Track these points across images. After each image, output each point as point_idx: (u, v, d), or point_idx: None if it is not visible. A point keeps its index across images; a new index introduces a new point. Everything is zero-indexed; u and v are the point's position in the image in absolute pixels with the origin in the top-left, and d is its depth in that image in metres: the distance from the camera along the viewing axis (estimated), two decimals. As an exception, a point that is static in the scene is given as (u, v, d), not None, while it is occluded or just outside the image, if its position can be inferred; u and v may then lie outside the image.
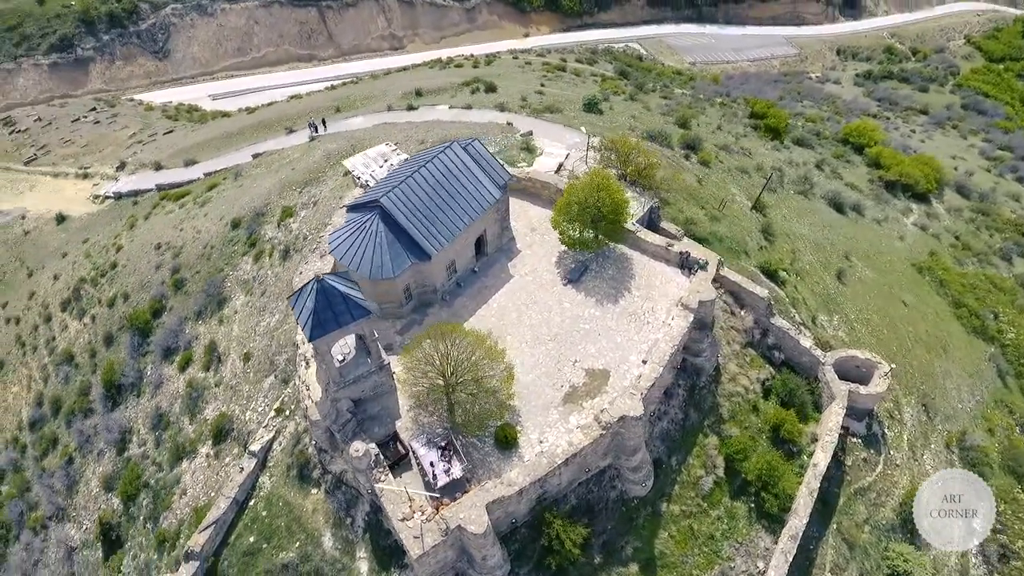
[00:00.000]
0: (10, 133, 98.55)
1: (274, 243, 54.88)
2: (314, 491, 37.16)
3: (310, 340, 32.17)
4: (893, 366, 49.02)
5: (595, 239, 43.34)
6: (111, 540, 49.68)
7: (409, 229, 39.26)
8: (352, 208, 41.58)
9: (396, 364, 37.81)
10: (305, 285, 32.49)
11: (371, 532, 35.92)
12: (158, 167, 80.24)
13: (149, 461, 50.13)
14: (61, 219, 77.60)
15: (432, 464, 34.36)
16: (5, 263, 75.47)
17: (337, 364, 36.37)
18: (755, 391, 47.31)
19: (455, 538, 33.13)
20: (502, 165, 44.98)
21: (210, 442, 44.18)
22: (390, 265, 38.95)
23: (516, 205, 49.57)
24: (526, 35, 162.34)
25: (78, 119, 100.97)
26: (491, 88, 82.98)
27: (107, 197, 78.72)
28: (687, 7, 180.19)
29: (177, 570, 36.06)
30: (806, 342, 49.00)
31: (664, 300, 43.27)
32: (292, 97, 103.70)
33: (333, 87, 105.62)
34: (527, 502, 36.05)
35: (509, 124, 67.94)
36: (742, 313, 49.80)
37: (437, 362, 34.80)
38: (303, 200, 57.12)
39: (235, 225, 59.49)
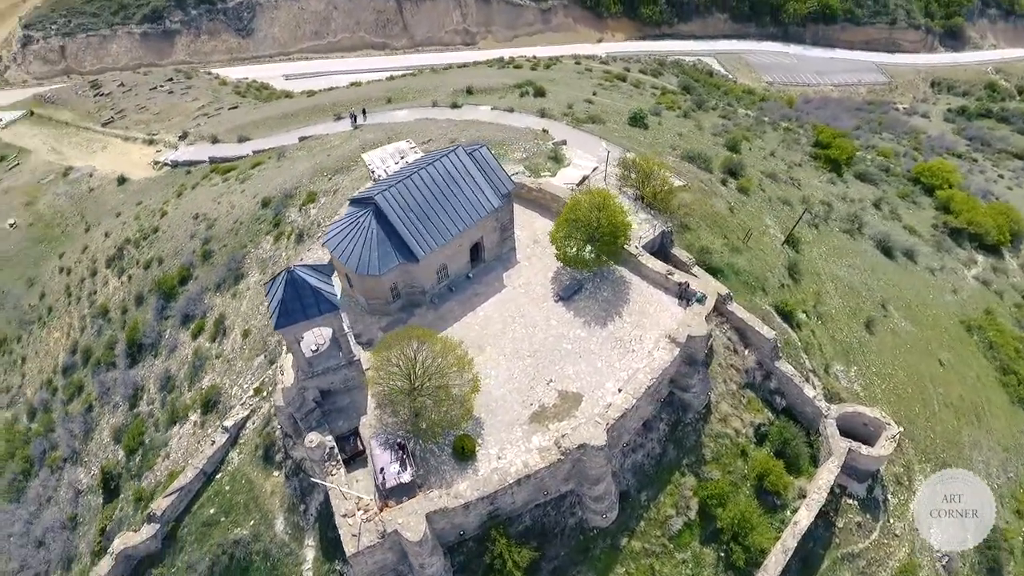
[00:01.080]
0: (95, 95, 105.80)
1: (294, 226, 56.54)
2: (275, 474, 38.16)
3: (275, 328, 32.99)
4: (902, 429, 45.76)
5: (592, 258, 42.37)
6: (110, 489, 52.62)
7: (400, 229, 39.57)
8: (353, 202, 42.26)
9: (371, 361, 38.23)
10: (278, 274, 33.30)
11: (321, 522, 36.56)
12: (214, 140, 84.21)
13: (152, 420, 52.74)
14: (122, 181, 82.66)
15: (383, 466, 34.59)
16: (69, 216, 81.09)
17: (310, 354, 37.15)
18: (747, 435, 45.27)
19: (394, 542, 33.27)
20: (508, 174, 44.63)
21: (199, 411, 46.08)
22: (377, 263, 39.38)
23: (524, 215, 49.15)
24: (600, 40, 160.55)
25: (155, 88, 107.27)
26: (540, 92, 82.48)
27: (165, 164, 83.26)
28: (773, 25, 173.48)
29: (139, 530, 37.87)
30: (810, 391, 46.48)
31: (655, 330, 41.92)
32: (352, 84, 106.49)
33: (392, 78, 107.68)
34: (476, 516, 35.77)
35: (545, 131, 67.39)
36: (745, 352, 47.72)
37: (403, 365, 34.97)
38: (327, 187, 58.58)
39: (265, 204, 61.64)
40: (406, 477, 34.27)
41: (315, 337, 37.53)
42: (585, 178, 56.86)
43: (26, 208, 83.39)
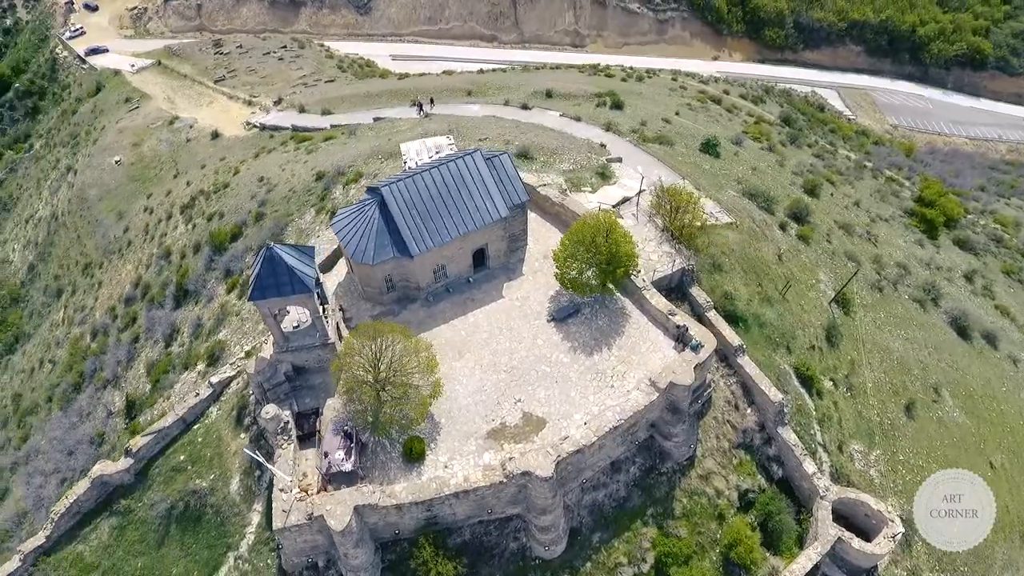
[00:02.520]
0: (215, 53, 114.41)
1: (335, 203, 58.60)
2: (242, 436, 39.91)
3: (249, 300, 34.39)
4: (903, 531, 41.17)
5: (590, 284, 40.97)
6: (131, 416, 57.12)
7: (399, 223, 40.05)
8: (369, 190, 43.18)
9: (346, 346, 39.05)
10: (260, 249, 34.63)
11: (271, 490, 37.73)
12: (301, 110, 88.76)
13: (178, 362, 56.63)
14: (215, 135, 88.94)
15: (329, 451, 35.32)
16: (164, 161, 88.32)
17: (290, 329, 38.48)
18: (729, 498, 42.47)
19: (322, 525, 33.93)
20: (524, 186, 43.99)
21: (205, 362, 48.97)
22: (372, 253, 40.11)
23: (543, 229, 48.34)
24: (715, 58, 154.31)
25: (269, 53, 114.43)
26: (617, 105, 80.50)
27: (254, 126, 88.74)
28: (911, 64, 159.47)
29: (117, 460, 40.91)
30: (810, 467, 42.87)
31: (640, 369, 40.05)
32: (444, 72, 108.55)
33: (482, 71, 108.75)
34: (412, 519, 35.79)
35: (603, 146, 65.78)
36: (748, 411, 44.71)
37: (368, 357, 35.46)
38: (372, 170, 60.25)
39: (318, 177, 64.30)
40: (347, 466, 34.82)
41: (298, 314, 38.80)
42: (625, 199, 54.98)
43: (132, 148, 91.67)
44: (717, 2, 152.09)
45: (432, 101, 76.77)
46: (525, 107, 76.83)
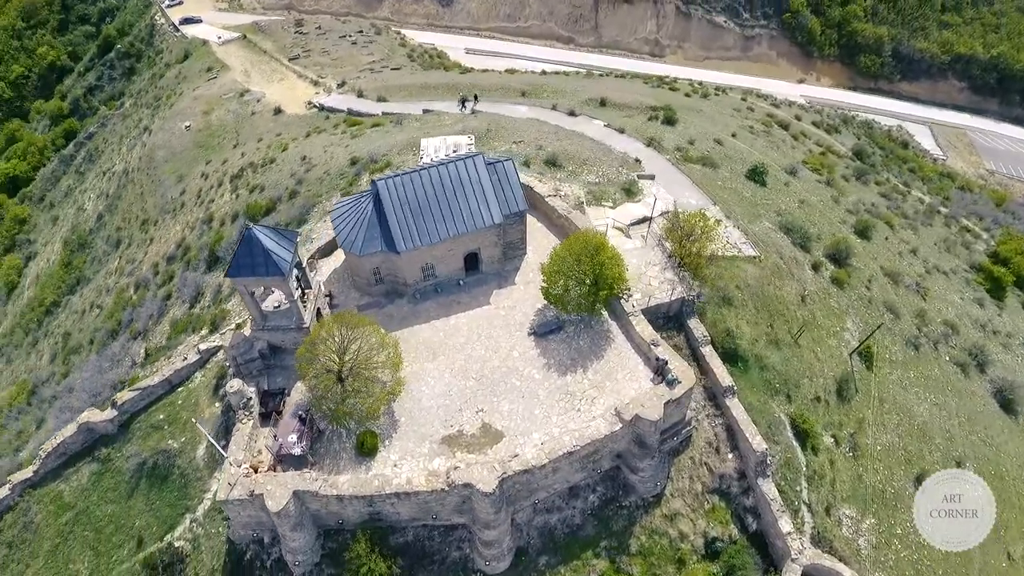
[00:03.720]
0: (295, 33, 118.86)
1: (359, 189, 59.63)
2: (216, 405, 41.31)
3: (225, 276, 35.46)
4: (874, 611, 38.05)
5: (574, 302, 39.87)
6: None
7: (390, 218, 40.31)
8: (374, 182, 43.68)
9: (322, 332, 39.68)
10: (245, 228, 35.65)
11: (232, 461, 38.97)
12: (360, 94, 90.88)
13: (195, 323, 59.34)
14: (278, 111, 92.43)
15: (282, 433, 36.04)
16: (228, 131, 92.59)
17: (271, 309, 39.46)
18: (693, 543, 40.53)
19: (263, 504, 34.64)
20: (523, 195, 43.27)
21: (208, 328, 51.01)
22: (360, 244, 40.58)
23: (546, 239, 47.47)
24: (800, 81, 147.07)
25: (344, 36, 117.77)
26: (669, 120, 77.99)
27: (314, 106, 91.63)
28: (1022, 106, 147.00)
29: (104, 410, 43.27)
30: (785, 526, 40.27)
31: (611, 396, 38.72)
32: (507, 70, 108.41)
33: (544, 73, 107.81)
34: (355, 512, 36.05)
35: (637, 161, 63.95)
36: (729, 456, 42.48)
37: (334, 346, 35.90)
38: (400, 161, 60.92)
39: (352, 163, 65.71)
40: (296, 450, 35.43)
41: (281, 295, 39.70)
42: (645, 219, 53.18)
43: (203, 116, 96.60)
44: (811, 23, 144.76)
45: (476, 98, 76.81)
46: (572, 113, 75.69)
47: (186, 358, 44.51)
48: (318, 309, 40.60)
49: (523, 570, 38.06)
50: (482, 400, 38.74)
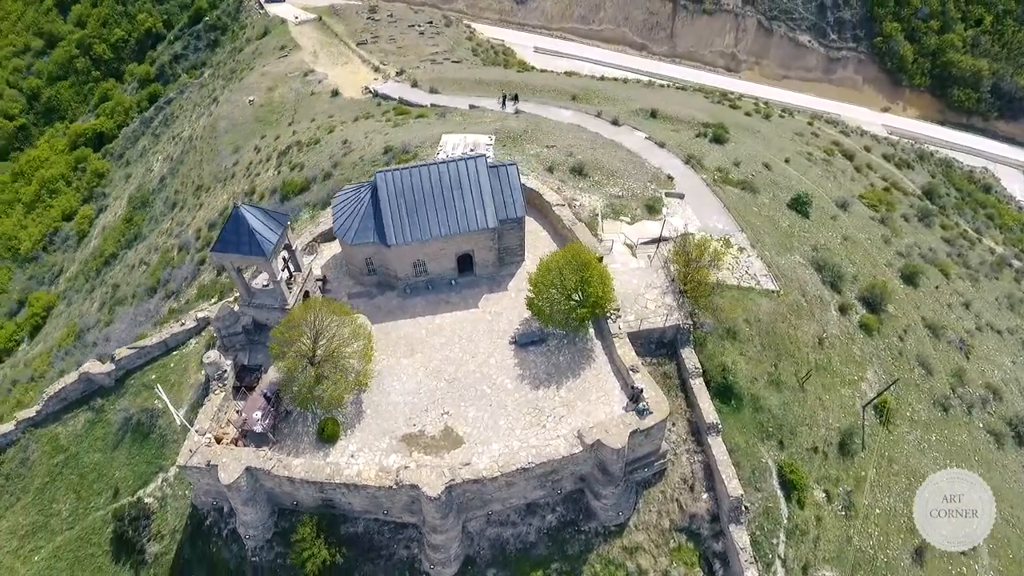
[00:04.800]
0: (367, 19, 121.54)
1: (383, 179, 60.31)
2: (202, 372, 42.69)
3: (211, 251, 36.52)
4: None
5: (554, 317, 38.89)
6: (171, 328, 63.14)
7: (383, 211, 40.50)
8: (378, 173, 44.01)
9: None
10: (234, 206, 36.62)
11: (206, 429, 40.19)
12: (414, 84, 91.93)
13: (217, 290, 61.67)
14: (335, 94, 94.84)
15: (247, 409, 36.84)
16: (287, 109, 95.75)
17: (260, 287, 40.39)
18: (651, 581, 38.88)
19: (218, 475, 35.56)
20: (523, 202, 42.52)
21: (218, 296, 52.84)
22: (352, 233, 40.98)
23: (549, 248, 46.32)
24: (885, 109, 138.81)
25: (413, 25, 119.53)
26: (718, 139, 75.00)
27: (369, 92, 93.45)
28: None
29: (104, 363, 45.55)
30: (751, 577, 38.06)
31: (580, 418, 37.60)
32: (566, 72, 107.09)
33: (603, 78, 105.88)
34: (308, 496, 36.49)
35: (670, 178, 61.86)
36: (704, 496, 40.57)
37: (309, 331, 36.38)
38: (428, 154, 61.15)
39: (386, 151, 66.55)
40: (258, 428, 36.14)
41: (281, 270, 40.47)
42: (659, 240, 51.30)
43: (267, 91, 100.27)
44: (903, 49, 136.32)
45: (516, 97, 76.30)
46: (615, 122, 74.05)
47: (184, 323, 46.28)
48: (307, 293, 41.26)
49: (469, 579, 37.60)
50: (450, 403, 38.43)
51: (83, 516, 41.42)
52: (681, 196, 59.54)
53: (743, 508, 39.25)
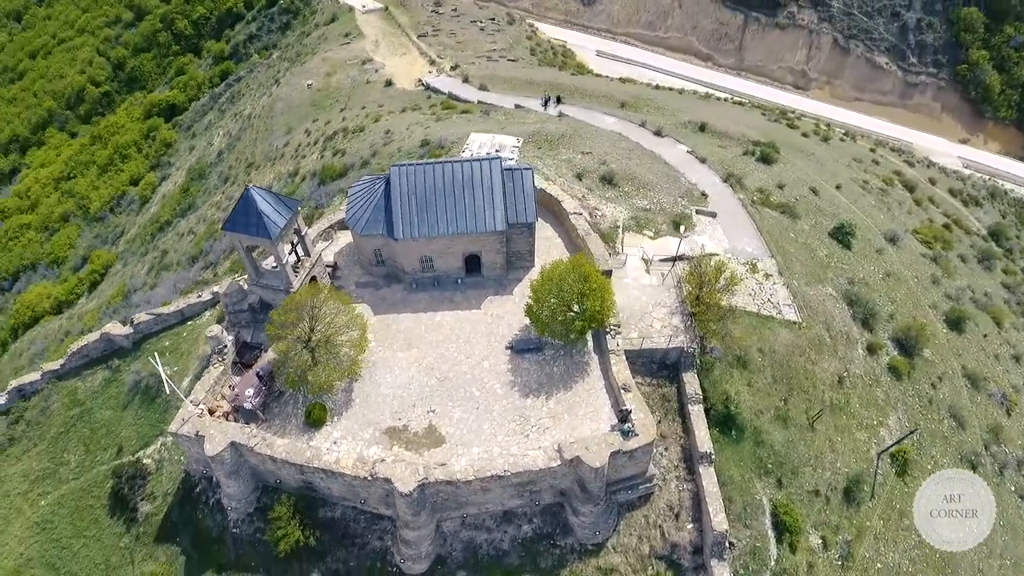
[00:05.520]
0: (430, 11, 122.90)
1: (415, 171, 60.84)
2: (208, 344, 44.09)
3: (221, 228, 37.63)
4: None
5: (551, 327, 38.33)
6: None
7: (394, 204, 40.83)
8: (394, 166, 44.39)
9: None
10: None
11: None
12: (465, 79, 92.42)
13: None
14: (388, 84, 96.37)
15: (241, 385, 37.86)
16: (341, 95, 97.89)
17: (269, 267, 41.41)
18: (624, 605, 37.98)
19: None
20: (535, 208, 42.05)
21: (239, 273, 54.45)
22: (363, 224, 41.52)
23: (561, 256, 45.84)
24: (963, 141, 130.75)
25: (475, 21, 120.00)
26: (766, 159, 72.23)
27: (422, 84, 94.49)
28: None
29: (125, 325, 47.70)
30: (727, 618, 36.64)
31: (564, 431, 37.02)
32: (621, 78, 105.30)
33: (658, 87, 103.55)
34: (289, 476, 37.27)
35: (704, 195, 60.07)
36: (688, 526, 39.32)
37: (308, 317, 37.05)
38: (459, 150, 61.30)
39: (422, 144, 67.15)
40: (247, 404, 37.12)
41: (287, 253, 41.43)
42: (675, 258, 49.57)
43: (325, 77, 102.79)
44: (989, 78, 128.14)
45: (559, 99, 75.63)
46: (658, 133, 72.41)
47: (200, 296, 47.97)
48: (314, 278, 42.04)
49: (439, 578, 37.61)
50: (437, 401, 38.48)
51: (88, 469, 43.57)
52: (713, 215, 57.76)
53: (728, 544, 37.81)
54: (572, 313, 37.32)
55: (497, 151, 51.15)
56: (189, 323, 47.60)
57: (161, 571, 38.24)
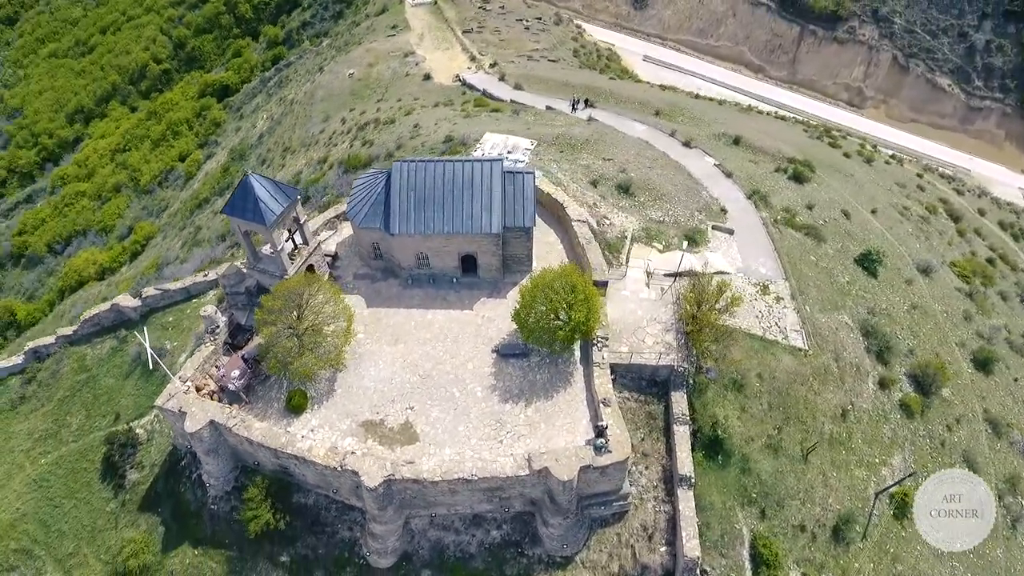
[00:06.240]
0: (478, 8, 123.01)
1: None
2: (211, 321, 45.20)
3: (221, 211, 38.45)
4: None
5: (535, 334, 37.90)
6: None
7: (392, 199, 41.02)
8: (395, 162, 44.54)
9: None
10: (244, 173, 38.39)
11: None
12: (502, 78, 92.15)
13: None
14: (426, 78, 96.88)
15: (227, 366, 38.67)
16: (379, 86, 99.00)
17: (267, 253, 42.15)
18: (587, 623, 37.40)
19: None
20: (533, 213, 41.58)
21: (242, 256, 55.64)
22: (361, 217, 41.85)
23: (561, 262, 45.26)
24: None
25: (521, 20, 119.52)
26: (798, 178, 69.59)
27: (459, 80, 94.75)
28: None
29: (133, 297, 49.36)
30: (690, 647, 35.65)
31: (539, 440, 36.62)
32: (661, 86, 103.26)
33: (698, 96, 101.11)
34: (266, 459, 37.92)
35: (723, 211, 58.41)
36: (661, 549, 38.43)
37: (299, 305, 37.57)
38: (476, 149, 61.26)
39: (446, 140, 67.34)
40: (231, 386, 37.89)
41: (283, 240, 42.16)
42: (676, 274, 48.09)
43: (367, 67, 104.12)
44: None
45: (587, 102, 74.78)
46: (687, 144, 70.69)
47: (207, 275, 49.23)
48: (311, 266, 42.61)
49: (404, 574, 37.68)
50: (417, 399, 38.54)
51: (87, 433, 45.30)
52: (730, 232, 56.13)
53: (700, 571, 36.75)
54: (558, 322, 36.79)
55: (510, 152, 50.89)
56: (194, 301, 48.91)
57: (140, 539, 39.42)
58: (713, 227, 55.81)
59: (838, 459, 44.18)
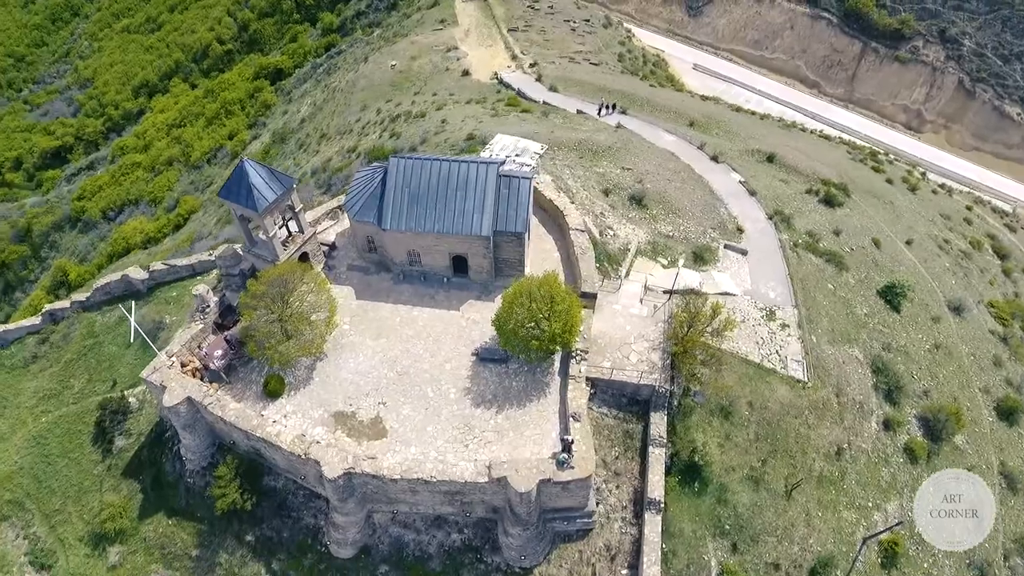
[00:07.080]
0: (527, 6, 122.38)
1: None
2: (209, 301, 46.36)
3: (218, 195, 39.36)
4: None
5: (511, 341, 37.43)
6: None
7: (386, 195, 41.18)
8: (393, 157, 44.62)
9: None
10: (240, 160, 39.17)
11: (191, 353, 43.77)
12: (538, 78, 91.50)
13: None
14: (465, 74, 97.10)
15: (210, 346, 39.59)
16: (419, 78, 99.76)
17: (263, 237, 42.93)
18: (540, 637, 36.87)
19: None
20: (527, 218, 41.08)
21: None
22: (356, 210, 42.20)
23: (556, 270, 44.61)
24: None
25: (568, 20, 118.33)
26: (830, 201, 66.71)
27: (496, 78, 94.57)
28: None
29: (144, 268, 51.16)
30: (639, 676, 34.71)
31: (505, 448, 36.22)
32: (703, 97, 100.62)
33: (738, 109, 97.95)
34: (241, 439, 38.67)
35: (739, 230, 56.63)
36: (623, 572, 37.56)
37: (284, 293, 38.14)
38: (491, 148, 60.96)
39: (468, 138, 67.30)
40: (212, 365, 38.78)
41: (276, 227, 42.93)
42: (670, 291, 46.53)
43: (410, 59, 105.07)
44: None
45: (614, 107, 73.53)
46: (715, 159, 68.80)
47: (211, 254, 50.52)
48: (305, 254, 43.21)
49: (361, 568, 37.92)
50: (390, 395, 38.65)
51: (86, 397, 47.19)
52: (744, 252, 54.33)
53: (661, 600, 35.74)
54: (535, 331, 36.24)
55: (517, 155, 50.44)
56: (198, 278, 50.31)
57: (120, 503, 40.85)
58: (725, 246, 54.13)
59: (826, 499, 42.24)
